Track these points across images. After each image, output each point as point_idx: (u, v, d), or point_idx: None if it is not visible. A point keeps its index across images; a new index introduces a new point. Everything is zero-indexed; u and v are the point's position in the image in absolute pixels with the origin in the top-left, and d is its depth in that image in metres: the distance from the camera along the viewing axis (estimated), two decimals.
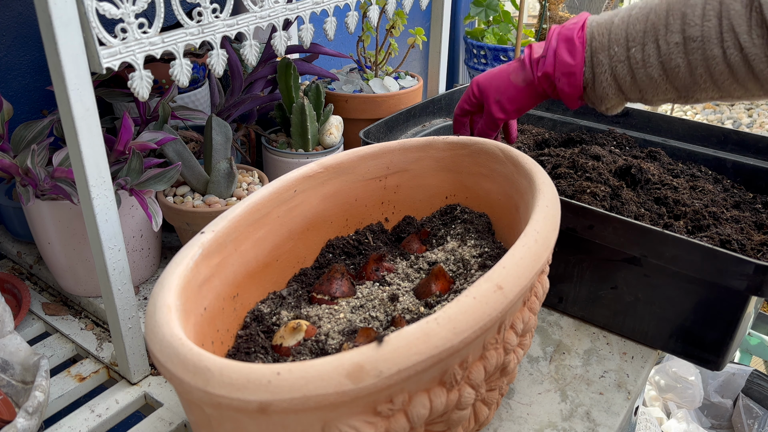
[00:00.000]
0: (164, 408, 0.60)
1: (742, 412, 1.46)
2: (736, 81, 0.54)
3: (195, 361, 0.35)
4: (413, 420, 0.38)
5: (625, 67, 0.59)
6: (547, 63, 0.63)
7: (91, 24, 0.45)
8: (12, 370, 0.59)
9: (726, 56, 0.52)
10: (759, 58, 0.51)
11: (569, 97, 0.64)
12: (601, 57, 0.60)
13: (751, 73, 0.52)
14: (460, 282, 0.56)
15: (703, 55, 0.54)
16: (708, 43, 0.53)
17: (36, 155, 0.60)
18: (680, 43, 0.55)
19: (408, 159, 0.65)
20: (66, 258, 0.67)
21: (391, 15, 0.81)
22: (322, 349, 0.50)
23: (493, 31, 1.42)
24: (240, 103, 0.84)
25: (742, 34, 0.51)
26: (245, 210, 0.53)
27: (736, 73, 0.53)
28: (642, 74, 0.58)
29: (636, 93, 0.61)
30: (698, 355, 0.63)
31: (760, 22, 0.49)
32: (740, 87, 0.54)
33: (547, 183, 0.53)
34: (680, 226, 0.66)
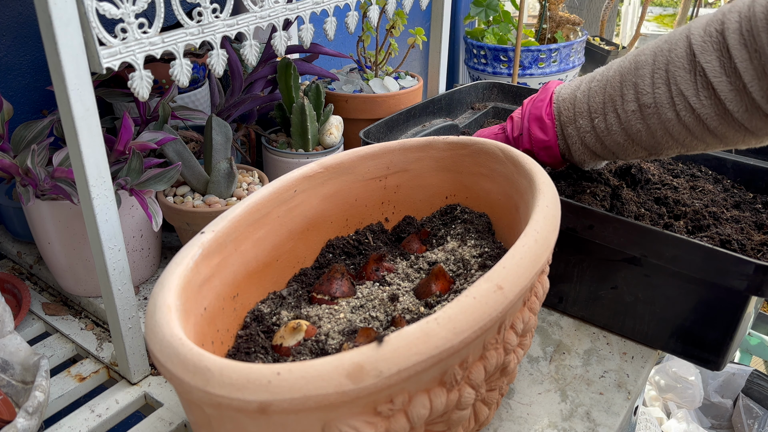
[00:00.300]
0: (164, 408, 0.60)
1: (742, 412, 1.46)
2: (695, 138, 0.57)
3: (195, 361, 0.35)
4: (413, 420, 0.38)
5: (593, 136, 0.63)
6: (524, 141, 0.69)
7: (91, 24, 0.45)
8: (12, 370, 0.59)
9: (680, 118, 0.55)
10: (710, 117, 0.54)
11: (552, 165, 0.70)
12: (570, 130, 0.65)
13: (706, 129, 0.55)
14: (460, 282, 0.56)
15: (659, 119, 0.57)
16: (661, 108, 0.56)
17: (36, 155, 0.60)
18: (636, 110, 0.58)
19: (408, 159, 0.65)
20: (66, 258, 0.67)
21: (391, 15, 0.81)
22: (322, 349, 0.50)
23: (493, 31, 1.42)
24: (240, 103, 0.84)
25: (690, 97, 0.54)
26: (245, 210, 0.53)
27: (693, 132, 0.56)
28: (609, 141, 0.62)
29: (610, 155, 0.65)
30: (698, 355, 0.63)
31: (705, 85, 0.53)
32: (700, 142, 0.57)
33: (547, 183, 0.53)
34: (680, 226, 0.66)
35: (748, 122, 0.53)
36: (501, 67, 1.40)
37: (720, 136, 0.55)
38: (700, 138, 0.57)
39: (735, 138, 0.56)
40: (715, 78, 0.52)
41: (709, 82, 0.52)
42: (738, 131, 0.54)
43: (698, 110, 0.54)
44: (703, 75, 0.53)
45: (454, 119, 0.95)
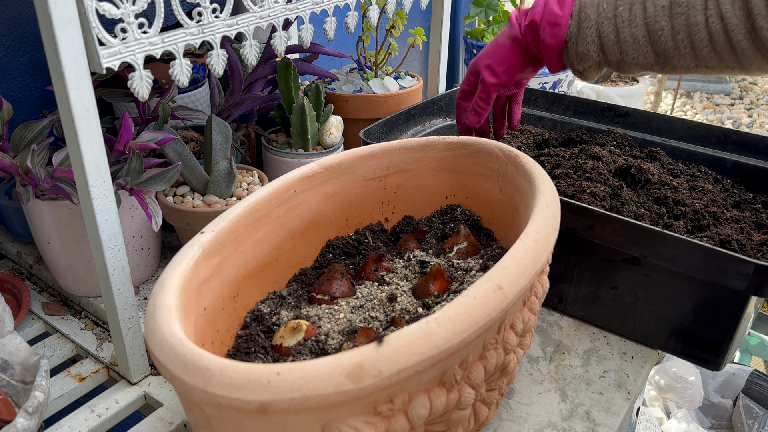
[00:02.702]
0: (164, 408, 0.60)
1: (742, 412, 1.46)
2: (713, 50, 0.56)
3: (195, 361, 0.35)
4: (413, 420, 0.38)
5: (611, 24, 0.60)
6: (536, 11, 0.65)
7: (91, 24, 0.45)
8: (12, 370, 0.59)
9: (708, 23, 0.55)
10: (737, 29, 0.54)
11: (550, 50, 0.65)
12: (589, 12, 0.62)
13: (728, 43, 0.55)
14: (459, 282, 0.56)
15: (687, 21, 0.56)
16: (692, 10, 0.56)
17: (36, 155, 0.60)
18: (666, 6, 0.57)
19: (408, 159, 0.65)
20: (66, 258, 0.67)
21: (391, 15, 0.81)
22: (322, 349, 0.50)
23: (493, 31, 1.42)
24: (240, 103, 0.84)
25: (725, 4, 0.54)
26: (245, 210, 0.53)
27: (715, 42, 0.56)
28: (626, 33, 0.60)
29: (617, 53, 0.62)
30: (698, 355, 0.63)
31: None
32: (716, 57, 0.57)
33: (547, 183, 0.53)
34: (680, 226, 0.66)
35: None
36: None
37: (739, 53, 0.55)
38: (719, 51, 0.56)
39: (752, 59, 0.56)
40: None
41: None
42: (758, 51, 0.55)
43: (728, 19, 0.54)
44: None
45: (454, 119, 0.95)
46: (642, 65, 0.62)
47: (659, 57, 0.60)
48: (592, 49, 0.63)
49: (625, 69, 0.64)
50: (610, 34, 0.61)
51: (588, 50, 0.63)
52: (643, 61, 0.61)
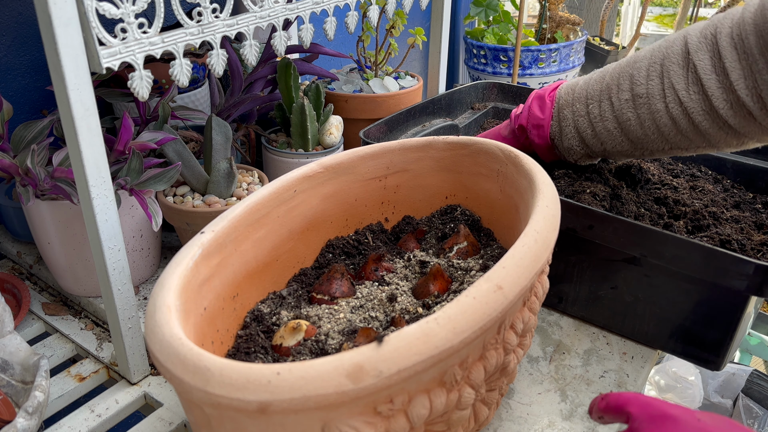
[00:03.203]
0: (164, 408, 0.60)
1: (742, 412, 1.46)
2: (679, 132, 0.61)
3: (195, 361, 0.35)
4: (413, 420, 0.38)
5: (586, 120, 0.67)
6: (522, 116, 0.73)
7: (91, 24, 0.45)
8: (12, 370, 0.59)
9: (668, 109, 0.60)
10: (696, 111, 0.58)
11: (540, 147, 0.73)
12: (566, 112, 0.69)
13: (691, 124, 0.59)
14: (459, 282, 0.56)
15: (649, 109, 0.61)
16: (652, 99, 0.61)
17: (36, 155, 0.60)
18: (629, 99, 0.62)
19: (408, 159, 0.65)
20: (66, 258, 0.67)
21: (391, 15, 0.81)
22: (322, 349, 0.50)
23: (493, 31, 1.42)
24: (240, 103, 0.84)
25: (680, 90, 0.58)
26: (245, 210, 0.53)
27: (678, 125, 0.60)
28: (600, 127, 0.66)
29: (598, 145, 0.68)
30: (698, 355, 0.63)
31: (696, 81, 0.58)
32: (684, 138, 0.61)
33: (547, 183, 0.53)
34: (680, 226, 0.66)
35: (732, 119, 0.57)
36: (501, 67, 1.40)
37: (703, 132, 0.59)
38: (684, 133, 0.60)
39: (717, 136, 0.59)
40: (705, 75, 0.56)
41: (700, 79, 0.57)
42: (721, 129, 0.58)
43: (686, 104, 0.58)
44: (695, 72, 0.58)
45: (454, 119, 0.95)
46: (623, 153, 0.67)
47: (634, 144, 0.65)
48: (575, 143, 0.69)
49: (611, 156, 0.70)
50: (587, 130, 0.67)
51: (572, 145, 0.70)
52: (621, 149, 0.66)
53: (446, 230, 0.64)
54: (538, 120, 0.70)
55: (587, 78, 0.68)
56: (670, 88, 0.59)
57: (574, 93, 0.68)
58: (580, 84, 0.68)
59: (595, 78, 0.67)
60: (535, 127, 0.71)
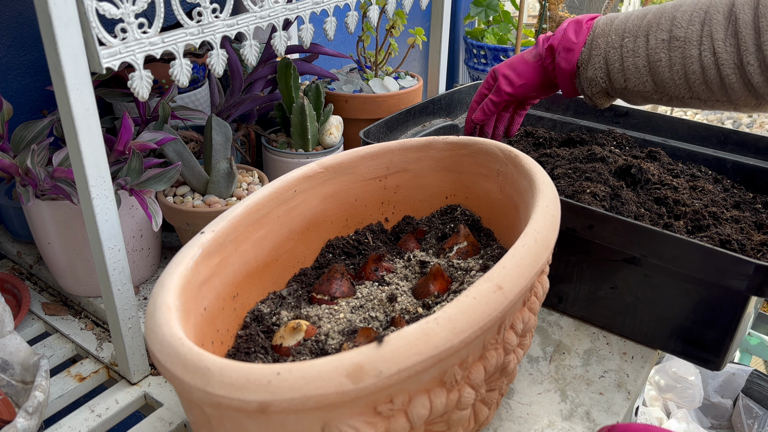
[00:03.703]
0: (164, 408, 0.60)
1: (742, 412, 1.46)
2: (705, 83, 0.61)
3: (195, 361, 0.35)
4: (413, 420, 0.38)
5: (617, 53, 0.66)
6: (555, 37, 0.71)
7: (91, 24, 0.45)
8: (12, 370, 0.59)
9: (701, 57, 0.60)
10: (727, 63, 0.59)
11: (563, 74, 0.71)
12: (600, 41, 0.67)
13: (718, 76, 0.60)
14: (459, 282, 0.56)
15: (683, 54, 0.61)
16: (688, 44, 0.61)
17: (36, 155, 0.60)
18: (666, 40, 0.62)
19: (408, 159, 0.65)
20: (66, 258, 0.67)
21: (391, 15, 0.81)
22: (322, 349, 0.50)
23: (493, 31, 1.42)
24: (240, 103, 0.84)
25: (717, 40, 0.59)
26: (245, 210, 0.53)
27: (707, 75, 0.60)
28: (630, 62, 0.65)
29: (621, 81, 0.67)
30: (698, 355, 0.63)
31: (734, 33, 0.58)
32: (707, 89, 0.61)
33: (547, 183, 0.53)
34: (680, 226, 0.66)
35: (756, 77, 0.58)
36: None
37: (728, 86, 0.60)
38: (709, 84, 0.61)
39: (739, 93, 0.60)
40: (745, 30, 0.57)
41: (738, 32, 0.58)
42: (744, 86, 0.59)
43: (719, 54, 0.59)
44: (735, 24, 0.58)
45: (454, 119, 0.95)
46: (643, 94, 0.67)
47: (657, 86, 0.65)
48: (599, 75, 0.68)
49: (629, 97, 0.69)
50: (616, 63, 0.66)
51: (596, 76, 0.68)
52: (643, 89, 0.66)
53: (446, 230, 0.64)
54: (571, 43, 0.69)
55: (627, 13, 0.68)
56: (708, 36, 0.59)
57: (612, 25, 0.67)
58: (619, 17, 0.68)
59: (636, 14, 0.66)
60: (566, 50, 0.70)
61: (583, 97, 0.72)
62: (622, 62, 0.66)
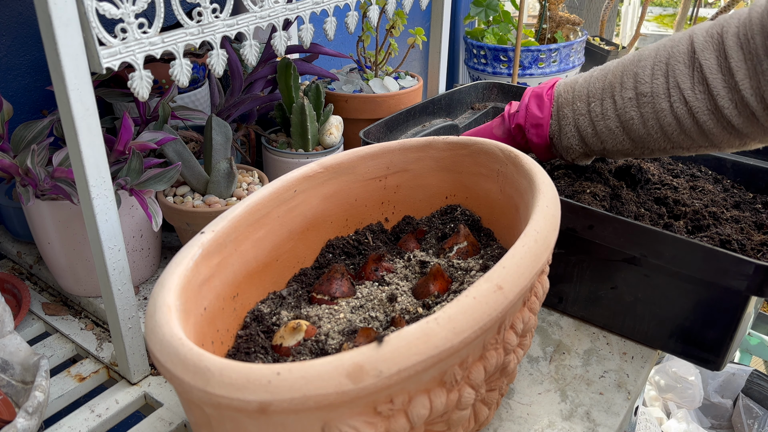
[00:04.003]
0: (164, 408, 0.60)
1: (742, 412, 1.46)
2: (683, 132, 0.60)
3: (195, 361, 0.35)
4: (413, 420, 0.38)
5: (587, 119, 0.66)
6: (519, 116, 0.71)
7: (91, 24, 0.45)
8: (12, 370, 0.59)
9: (673, 109, 0.59)
10: (701, 110, 0.58)
11: (538, 147, 0.71)
12: (566, 111, 0.67)
13: (695, 124, 0.59)
14: (459, 282, 0.56)
15: (653, 108, 0.61)
16: (656, 98, 0.60)
17: (36, 155, 0.60)
18: (633, 98, 0.62)
19: (408, 159, 0.65)
20: (66, 258, 0.67)
21: (391, 15, 0.81)
22: (322, 349, 0.50)
23: (493, 31, 1.42)
24: (240, 103, 0.84)
25: (686, 90, 0.58)
26: (245, 210, 0.53)
27: (683, 125, 0.60)
28: (602, 126, 0.65)
29: (597, 144, 0.67)
30: (698, 355, 0.63)
31: (701, 80, 0.57)
32: (687, 138, 0.61)
33: (547, 183, 0.53)
34: (680, 226, 0.66)
35: (735, 119, 0.57)
36: (501, 67, 1.40)
37: (707, 132, 0.59)
38: (688, 133, 0.60)
39: (720, 136, 0.59)
40: (711, 75, 0.56)
41: (705, 78, 0.57)
42: (724, 129, 0.58)
43: (691, 103, 0.58)
44: (701, 71, 0.57)
45: (454, 119, 0.95)
46: (623, 152, 0.66)
47: (636, 143, 0.64)
48: (574, 142, 0.68)
49: (609, 155, 0.69)
50: (587, 128, 0.66)
51: (571, 144, 0.69)
52: (622, 148, 0.66)
53: (446, 230, 0.64)
54: (537, 119, 0.69)
55: (587, 75, 0.67)
56: (675, 87, 0.59)
57: (575, 91, 0.67)
58: (579, 82, 0.67)
59: (596, 76, 0.66)
60: (534, 126, 0.70)
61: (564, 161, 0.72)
62: (594, 127, 0.65)
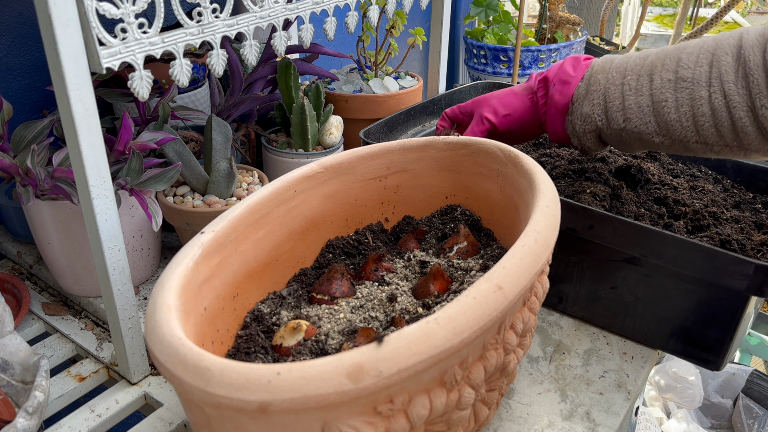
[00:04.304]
0: (164, 408, 0.60)
1: (742, 412, 1.46)
2: (714, 125, 0.59)
3: (195, 361, 0.35)
4: (413, 420, 0.38)
5: (618, 90, 0.64)
6: (550, 70, 0.69)
7: (91, 24, 0.45)
8: (12, 370, 0.59)
9: (711, 98, 0.58)
10: (740, 106, 0.57)
11: (556, 107, 0.68)
12: (599, 77, 0.65)
13: (730, 119, 0.57)
14: (459, 282, 0.56)
15: (691, 95, 0.59)
16: (696, 85, 0.58)
17: (36, 155, 0.60)
18: (672, 80, 0.60)
19: (408, 159, 0.65)
20: (66, 258, 0.67)
21: (391, 15, 0.81)
22: (322, 349, 0.50)
23: (493, 31, 1.42)
24: (240, 103, 0.84)
25: (728, 82, 0.57)
26: (245, 210, 0.53)
27: (717, 117, 0.58)
28: (632, 101, 0.63)
29: (619, 120, 0.64)
30: (698, 355, 0.63)
31: (744, 75, 0.56)
32: (717, 133, 0.59)
33: (547, 183, 0.53)
34: (680, 226, 0.66)
35: None
36: (501, 67, 1.40)
37: (739, 130, 0.57)
38: (719, 128, 0.58)
39: (751, 138, 0.58)
40: (756, 72, 0.55)
41: (748, 75, 0.56)
42: (758, 132, 0.57)
43: (731, 96, 0.57)
44: (745, 66, 0.56)
45: None
46: (642, 136, 0.63)
47: (661, 128, 0.61)
48: (597, 111, 0.65)
49: (625, 139, 0.65)
50: (615, 100, 0.63)
51: (592, 112, 0.65)
52: (644, 131, 0.63)
53: (446, 230, 0.64)
54: (568, 76, 0.67)
55: (626, 55, 0.65)
56: (717, 77, 0.57)
57: (613, 63, 0.65)
58: (618, 58, 0.66)
59: (637, 55, 0.64)
60: (562, 82, 0.67)
61: (571, 138, 0.69)
62: (623, 100, 0.63)
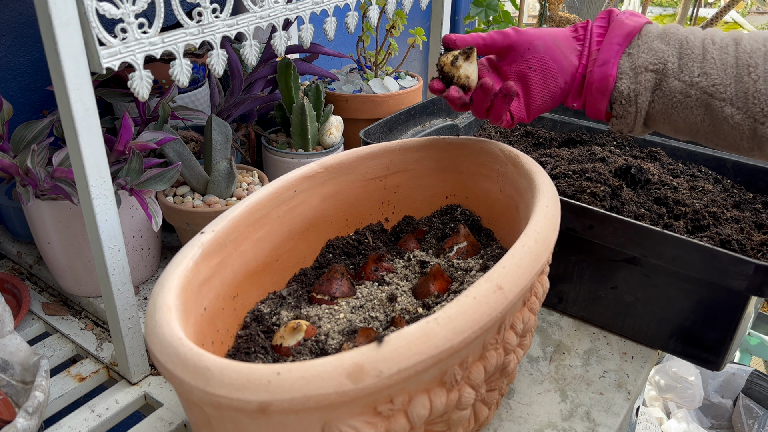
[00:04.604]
0: (164, 408, 0.60)
1: (742, 412, 1.46)
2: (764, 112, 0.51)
3: (195, 361, 0.35)
4: (413, 420, 0.38)
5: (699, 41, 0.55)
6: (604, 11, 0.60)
7: (91, 24, 0.45)
8: (12, 370, 0.59)
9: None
10: None
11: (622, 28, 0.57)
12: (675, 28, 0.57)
13: None
14: (459, 282, 0.56)
15: None
16: None
17: (36, 155, 0.60)
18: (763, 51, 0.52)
19: (408, 159, 0.65)
20: (66, 258, 0.67)
21: (391, 15, 0.81)
22: (322, 349, 0.50)
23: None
24: (240, 103, 0.84)
25: None
26: (245, 210, 0.53)
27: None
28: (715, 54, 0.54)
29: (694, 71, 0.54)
30: (698, 355, 0.63)
31: None
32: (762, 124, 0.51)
33: (547, 183, 0.53)
34: (680, 226, 0.66)
35: None
36: None
37: None
38: None
39: None
40: None
41: None
42: None
43: None
44: None
45: (454, 119, 0.94)
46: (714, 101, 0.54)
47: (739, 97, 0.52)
48: (671, 52, 0.55)
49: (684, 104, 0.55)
50: (696, 49, 0.54)
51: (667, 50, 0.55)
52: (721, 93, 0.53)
53: (446, 230, 0.64)
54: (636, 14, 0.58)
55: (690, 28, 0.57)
56: None
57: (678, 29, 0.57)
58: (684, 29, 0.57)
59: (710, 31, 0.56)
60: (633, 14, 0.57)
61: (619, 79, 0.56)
62: (704, 51, 0.54)
